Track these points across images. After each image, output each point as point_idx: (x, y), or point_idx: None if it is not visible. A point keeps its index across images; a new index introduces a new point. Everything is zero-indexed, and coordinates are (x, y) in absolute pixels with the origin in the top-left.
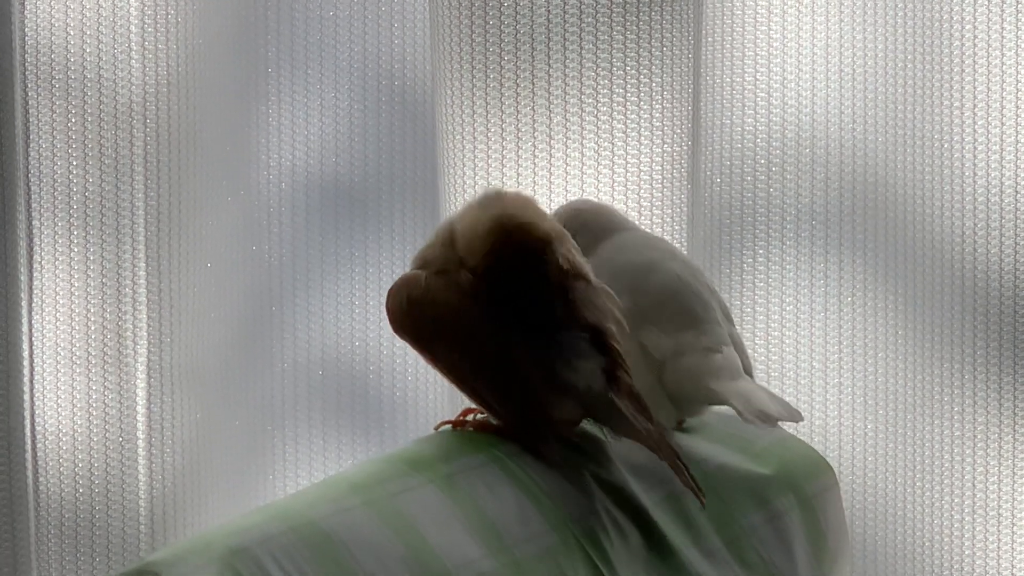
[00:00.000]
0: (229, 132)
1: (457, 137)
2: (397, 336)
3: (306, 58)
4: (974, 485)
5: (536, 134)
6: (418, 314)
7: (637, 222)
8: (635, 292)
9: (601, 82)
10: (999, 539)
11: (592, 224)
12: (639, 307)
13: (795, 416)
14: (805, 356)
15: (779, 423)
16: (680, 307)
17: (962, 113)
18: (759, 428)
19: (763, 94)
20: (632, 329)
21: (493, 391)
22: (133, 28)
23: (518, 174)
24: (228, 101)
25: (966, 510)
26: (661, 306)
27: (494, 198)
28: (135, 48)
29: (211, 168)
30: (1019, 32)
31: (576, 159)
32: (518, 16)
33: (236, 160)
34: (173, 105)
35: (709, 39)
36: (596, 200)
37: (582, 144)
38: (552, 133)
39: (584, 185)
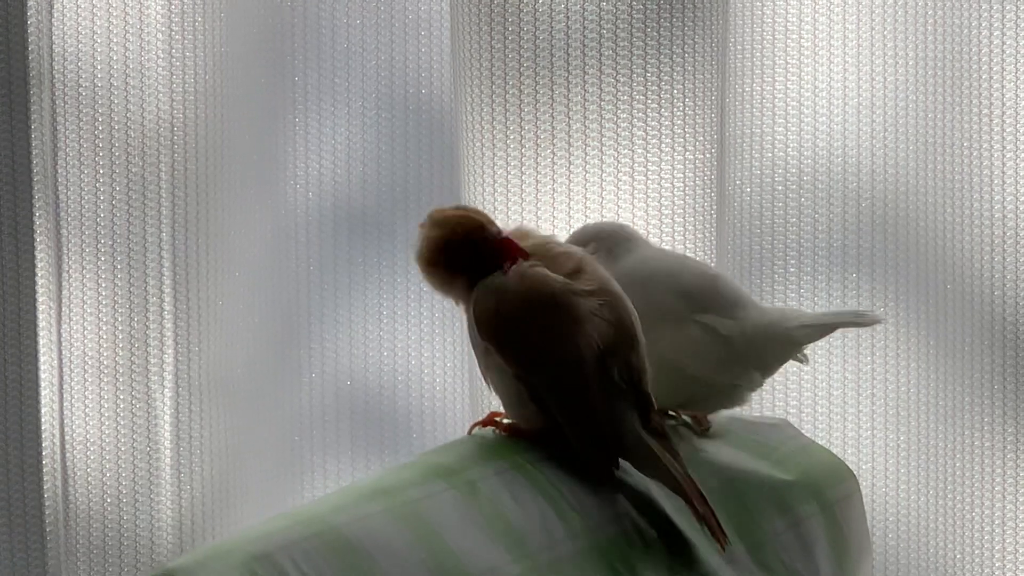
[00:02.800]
0: (256, 141)
1: (477, 145)
2: (482, 339)
3: (333, 66)
4: (1004, 498)
5: (555, 141)
6: (510, 326)
7: (660, 231)
8: (676, 290)
9: (621, 89)
10: None
11: (608, 240)
12: (686, 300)
13: (877, 318)
14: (838, 368)
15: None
16: (725, 289)
17: (991, 122)
18: (863, 326)
19: (794, 103)
20: (687, 315)
21: (563, 408)
22: (160, 37)
23: (537, 182)
24: (255, 110)
25: (996, 523)
26: (707, 293)
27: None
28: (162, 57)
29: (238, 177)
30: None
31: (595, 168)
32: (538, 24)
33: (263, 169)
34: (200, 114)
35: (738, 47)
36: (612, 220)
37: (601, 153)
38: (571, 140)
39: (604, 194)
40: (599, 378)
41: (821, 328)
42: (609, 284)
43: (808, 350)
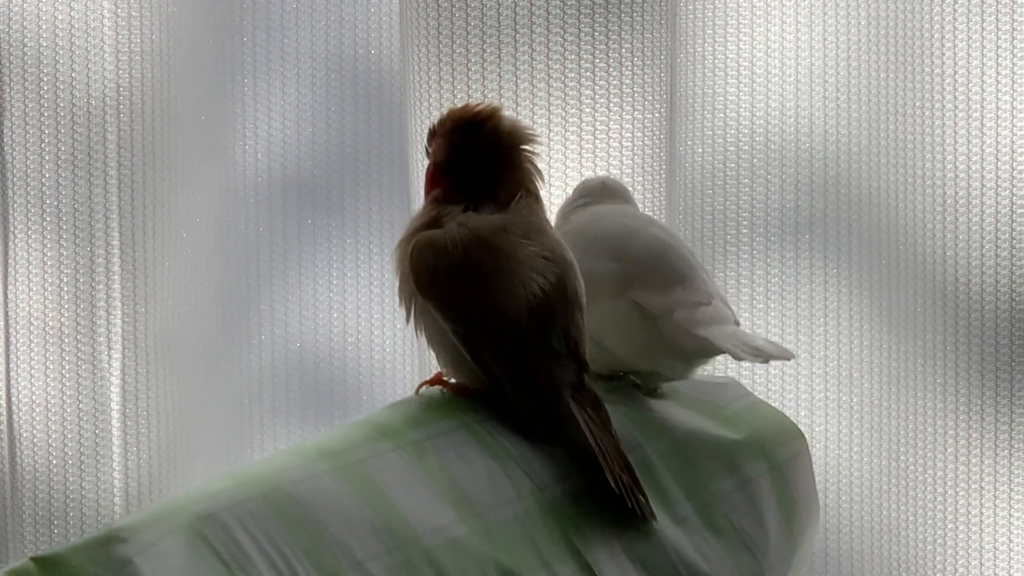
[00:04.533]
0: (204, 102)
1: (424, 105)
2: (420, 296)
3: (281, 27)
4: (956, 459)
5: (503, 101)
6: (447, 278)
7: None
8: (620, 257)
9: (569, 48)
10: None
11: (589, 195)
12: (626, 271)
13: (787, 354)
14: (791, 330)
15: (771, 360)
16: (667, 266)
17: (943, 82)
18: (754, 361)
19: (746, 63)
20: (622, 291)
21: (504, 364)
22: None
23: None
24: (203, 71)
25: (948, 483)
26: (649, 267)
27: None
28: (108, 18)
29: (186, 139)
30: (999, 39)
31: (543, 128)
32: None
33: (211, 130)
34: (147, 75)
35: (689, 6)
36: (602, 175)
37: (549, 112)
38: (519, 100)
39: (552, 155)
40: (537, 338)
41: (716, 351)
42: (559, 250)
43: (760, 316)
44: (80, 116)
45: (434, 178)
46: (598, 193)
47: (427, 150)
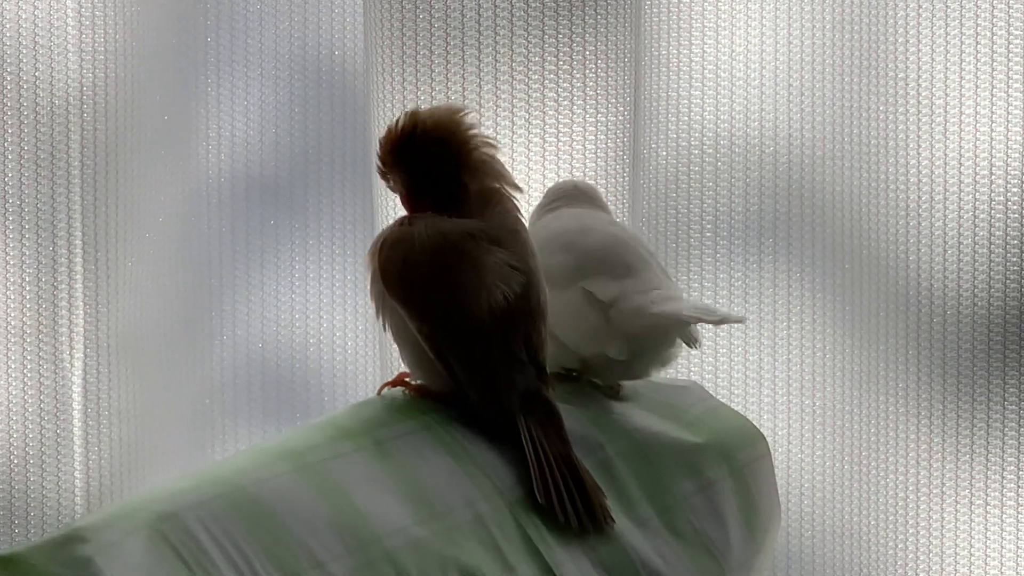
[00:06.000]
0: (168, 101)
1: (388, 106)
2: (388, 294)
3: (245, 27)
4: (917, 463)
5: (466, 102)
6: (414, 277)
7: None
8: (573, 250)
9: (533, 49)
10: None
11: (562, 199)
12: (579, 262)
13: (739, 318)
14: (753, 334)
15: (724, 323)
16: (618, 259)
17: (906, 86)
18: (705, 322)
19: (710, 66)
20: (572, 280)
21: (465, 365)
22: None
23: None
24: (167, 70)
25: (909, 488)
26: (600, 260)
27: None
28: (71, 16)
29: (149, 138)
30: (963, 43)
31: (507, 129)
32: None
33: (175, 130)
34: (111, 74)
35: (653, 9)
36: (577, 179)
37: (512, 114)
38: (482, 102)
39: (515, 156)
40: (499, 343)
41: (682, 321)
42: (526, 258)
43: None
44: (43, 115)
45: (412, 205)
46: (569, 196)
47: (386, 182)
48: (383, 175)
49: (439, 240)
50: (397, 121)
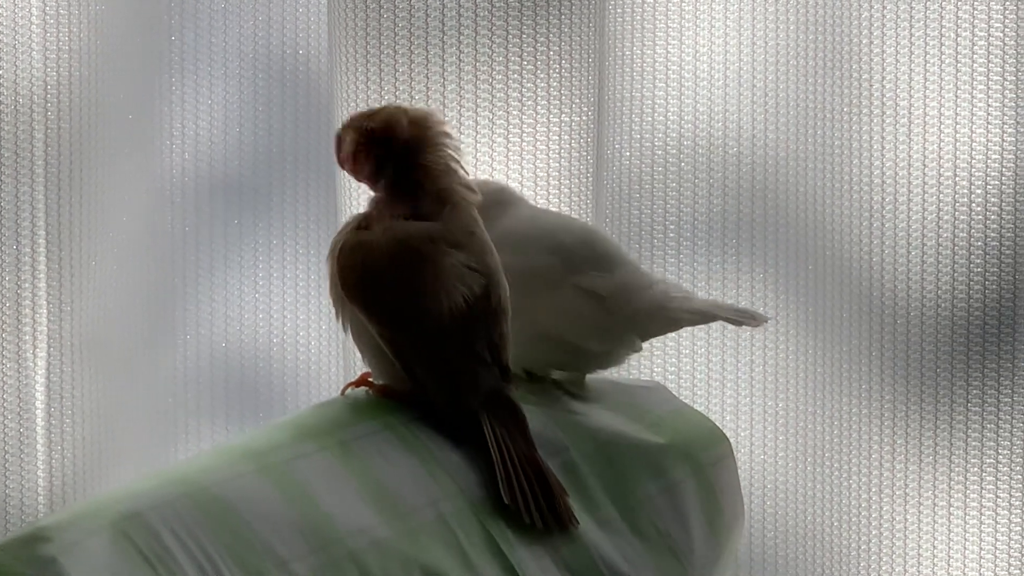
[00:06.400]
0: (131, 100)
1: (352, 105)
2: (347, 297)
3: (210, 26)
4: (881, 465)
5: (430, 102)
6: (373, 281)
7: (536, 195)
8: (557, 249)
9: (496, 50)
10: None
11: (487, 200)
12: (566, 260)
13: (764, 317)
14: (717, 335)
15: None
16: (605, 250)
17: (871, 87)
18: (750, 326)
19: (674, 66)
20: (561, 280)
21: (427, 367)
22: None
23: None
24: (130, 69)
25: (873, 489)
26: (585, 255)
27: None
28: (36, 15)
29: (113, 137)
30: (927, 45)
31: (470, 129)
32: None
33: (139, 129)
34: (75, 72)
35: (617, 9)
36: (495, 180)
37: (476, 114)
38: (446, 101)
39: (479, 156)
40: (460, 344)
41: (706, 317)
42: (485, 258)
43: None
44: (7, 114)
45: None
46: (506, 196)
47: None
48: (351, 154)
49: (397, 244)
50: (379, 111)
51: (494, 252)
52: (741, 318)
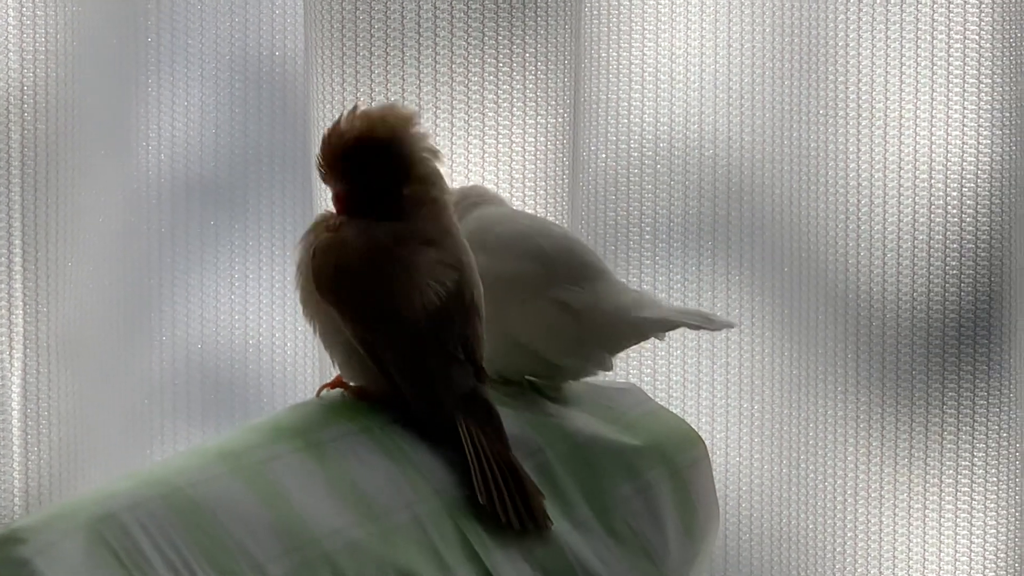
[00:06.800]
0: (108, 101)
1: (328, 107)
2: (322, 297)
3: (186, 27)
4: (856, 467)
5: (406, 104)
6: (348, 282)
7: (512, 197)
8: (534, 256)
9: (472, 51)
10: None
11: (465, 201)
12: (547, 269)
13: (730, 323)
14: (692, 337)
15: (719, 328)
16: (582, 261)
17: (847, 89)
18: (712, 330)
19: (650, 68)
20: (540, 290)
21: (403, 367)
22: None
23: None
24: (107, 70)
25: (848, 492)
26: (565, 265)
27: None
28: (12, 16)
29: (89, 138)
30: (903, 48)
31: (446, 131)
32: None
33: (115, 130)
34: (51, 74)
35: (593, 11)
36: (473, 183)
37: (452, 116)
38: (422, 103)
39: (454, 158)
40: (435, 344)
41: (671, 324)
42: (459, 255)
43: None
44: None
45: (347, 208)
46: (480, 194)
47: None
48: (324, 175)
49: (370, 244)
50: (350, 121)
51: (469, 252)
52: (701, 323)
